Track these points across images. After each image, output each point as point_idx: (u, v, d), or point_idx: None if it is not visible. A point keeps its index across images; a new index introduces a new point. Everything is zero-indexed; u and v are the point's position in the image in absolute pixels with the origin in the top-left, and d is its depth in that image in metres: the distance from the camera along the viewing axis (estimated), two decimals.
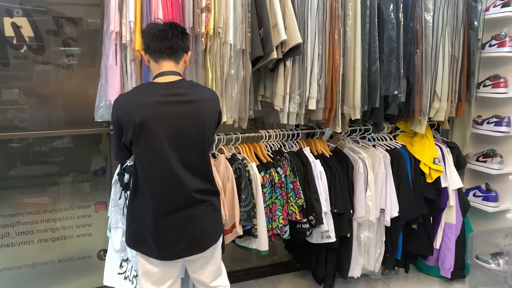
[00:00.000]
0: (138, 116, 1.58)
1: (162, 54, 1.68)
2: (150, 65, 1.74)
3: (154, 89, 1.66)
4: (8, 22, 2.20)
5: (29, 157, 2.40)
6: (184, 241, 1.68)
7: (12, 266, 2.39)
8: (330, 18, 2.28)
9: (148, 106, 1.61)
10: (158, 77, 1.69)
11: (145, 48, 1.71)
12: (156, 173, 1.63)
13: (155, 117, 1.60)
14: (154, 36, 1.67)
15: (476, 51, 2.74)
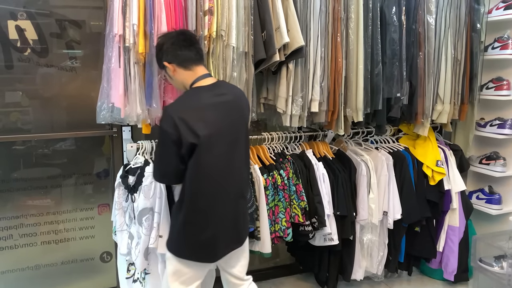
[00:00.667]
0: (200, 120, 1.61)
1: (194, 60, 1.75)
2: (177, 74, 1.75)
3: (203, 92, 1.71)
4: (12, 25, 2.21)
5: (32, 159, 2.41)
6: (230, 238, 1.74)
7: (15, 268, 2.39)
8: (332, 20, 2.28)
9: (206, 109, 1.66)
10: (198, 81, 1.74)
11: (171, 58, 1.73)
12: (216, 173, 1.66)
13: (213, 118, 1.65)
14: (181, 45, 1.73)
15: (478, 53, 2.74)
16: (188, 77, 1.75)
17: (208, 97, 1.69)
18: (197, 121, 1.60)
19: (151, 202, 1.90)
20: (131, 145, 2.10)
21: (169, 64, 1.74)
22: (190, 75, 1.75)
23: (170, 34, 1.79)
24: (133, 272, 2.11)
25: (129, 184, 2.01)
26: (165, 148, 1.63)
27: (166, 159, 1.65)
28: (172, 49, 1.73)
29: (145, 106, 1.97)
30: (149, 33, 1.91)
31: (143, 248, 1.90)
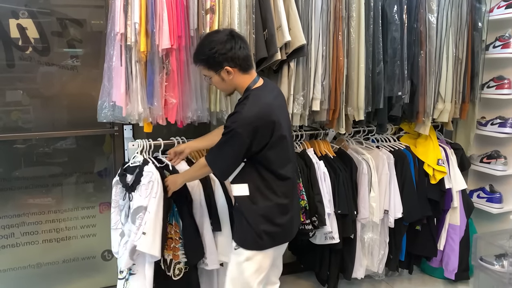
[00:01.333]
0: (275, 116, 1.70)
1: (251, 62, 1.82)
2: (234, 78, 1.73)
3: (267, 93, 1.77)
4: (13, 24, 2.21)
5: (33, 158, 2.42)
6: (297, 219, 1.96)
7: (17, 266, 2.40)
8: (334, 19, 2.28)
9: (274, 106, 1.74)
10: (256, 83, 1.77)
11: (232, 63, 1.70)
12: (287, 164, 1.79)
13: (279, 114, 1.74)
14: (239, 48, 1.71)
15: (480, 52, 2.74)
16: (246, 80, 1.76)
17: (272, 98, 1.77)
18: (279, 117, 1.72)
19: (146, 201, 1.89)
20: (132, 144, 2.10)
21: (231, 69, 1.71)
22: (247, 78, 1.76)
23: (220, 35, 1.72)
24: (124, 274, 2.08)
25: (127, 182, 2.01)
26: (236, 151, 1.69)
27: (234, 160, 1.73)
28: (232, 53, 1.69)
29: (146, 104, 1.97)
30: (150, 31, 1.91)
31: (130, 246, 1.88)
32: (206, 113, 2.11)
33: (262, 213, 1.76)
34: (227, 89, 1.82)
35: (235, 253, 1.83)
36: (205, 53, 1.71)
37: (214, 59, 1.70)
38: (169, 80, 1.98)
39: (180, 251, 2.02)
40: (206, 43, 1.73)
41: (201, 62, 1.75)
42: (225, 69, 1.70)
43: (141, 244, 1.82)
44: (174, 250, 2.00)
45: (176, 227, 2.02)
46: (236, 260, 1.83)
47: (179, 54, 1.98)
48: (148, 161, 1.99)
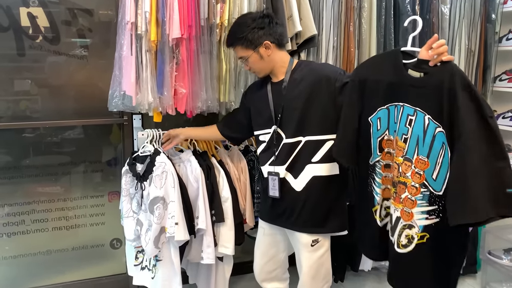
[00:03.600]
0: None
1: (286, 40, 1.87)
2: (273, 55, 1.76)
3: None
4: (24, 12, 2.21)
5: (41, 147, 2.44)
6: None
7: (27, 253, 2.43)
8: (345, 9, 2.26)
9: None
10: (293, 60, 1.82)
11: (271, 37, 1.73)
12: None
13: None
14: (277, 24, 1.75)
15: (493, 44, 2.70)
16: (284, 57, 1.79)
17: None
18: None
19: (162, 192, 1.91)
20: (141, 133, 2.11)
21: (270, 44, 1.71)
22: (285, 55, 1.79)
23: (254, 14, 1.79)
24: (141, 259, 2.13)
25: (137, 172, 2.02)
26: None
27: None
28: (269, 27, 1.71)
29: (156, 94, 1.97)
30: (161, 20, 1.90)
31: (153, 236, 1.92)
32: (215, 103, 2.10)
33: (343, 192, 1.85)
34: (264, 68, 1.79)
35: (312, 250, 1.78)
36: (242, 31, 1.71)
37: (253, 35, 1.70)
38: (179, 70, 1.98)
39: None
40: (242, 22, 1.74)
41: (238, 41, 1.73)
42: (264, 44, 1.71)
43: (178, 234, 1.88)
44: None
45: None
46: (316, 256, 1.79)
47: (189, 44, 1.97)
48: (159, 151, 1.99)
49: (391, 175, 1.62)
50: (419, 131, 1.49)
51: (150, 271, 2.07)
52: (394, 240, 1.59)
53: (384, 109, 1.60)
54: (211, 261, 2.01)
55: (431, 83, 1.46)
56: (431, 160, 1.48)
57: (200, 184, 1.99)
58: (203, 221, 1.96)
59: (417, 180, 1.51)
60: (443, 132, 1.44)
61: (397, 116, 1.56)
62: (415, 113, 1.50)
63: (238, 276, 2.61)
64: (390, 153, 1.62)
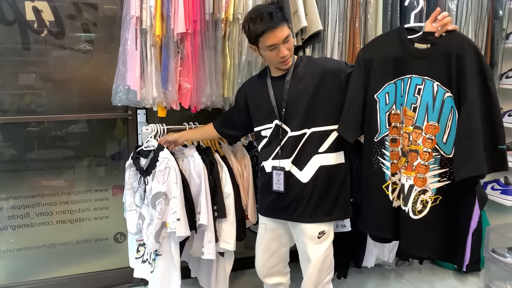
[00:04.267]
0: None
1: None
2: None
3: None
4: (29, 6, 2.21)
5: (46, 141, 2.45)
6: None
7: (32, 246, 2.45)
8: (351, 5, 2.24)
9: None
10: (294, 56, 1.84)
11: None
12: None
13: None
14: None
15: (500, 41, 2.67)
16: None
17: None
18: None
19: (165, 187, 1.91)
20: (146, 128, 2.11)
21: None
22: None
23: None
24: (142, 252, 2.15)
25: (141, 166, 2.02)
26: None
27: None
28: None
29: (161, 89, 1.97)
30: (166, 15, 1.89)
31: (154, 230, 1.92)
32: (220, 98, 2.10)
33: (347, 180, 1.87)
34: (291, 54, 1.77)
35: (319, 242, 1.79)
36: (285, 11, 1.78)
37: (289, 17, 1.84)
38: (183, 64, 1.97)
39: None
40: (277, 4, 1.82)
41: (286, 19, 1.72)
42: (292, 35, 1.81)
43: (180, 230, 1.89)
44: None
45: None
46: (322, 249, 1.80)
47: (194, 39, 1.96)
48: (163, 147, 1.99)
49: (397, 149, 1.69)
50: (428, 98, 1.59)
51: (150, 265, 2.08)
52: (408, 208, 1.66)
53: (392, 83, 1.67)
54: (212, 256, 2.01)
55: (439, 51, 1.57)
56: (441, 124, 1.58)
57: (203, 180, 1.99)
58: (204, 216, 1.97)
59: (429, 145, 1.60)
60: (451, 97, 1.55)
61: (404, 89, 1.63)
62: (424, 82, 1.59)
63: (241, 271, 2.62)
64: (396, 127, 1.69)
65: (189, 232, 1.94)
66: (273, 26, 1.65)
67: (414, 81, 1.61)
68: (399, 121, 1.68)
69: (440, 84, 1.56)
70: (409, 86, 1.62)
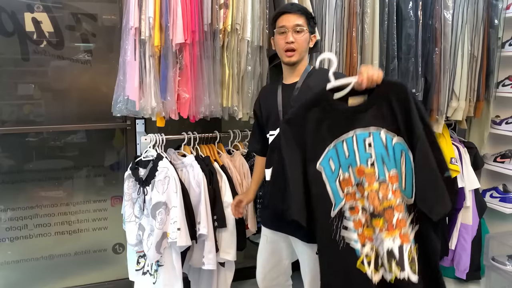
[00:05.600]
0: None
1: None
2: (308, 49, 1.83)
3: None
4: (29, 17, 2.23)
5: (44, 151, 2.44)
6: None
7: (30, 258, 2.43)
8: (348, 15, 2.26)
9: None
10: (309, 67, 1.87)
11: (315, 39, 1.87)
12: None
13: None
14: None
15: (496, 50, 2.70)
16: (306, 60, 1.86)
17: None
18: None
19: (165, 197, 1.91)
20: (145, 138, 2.11)
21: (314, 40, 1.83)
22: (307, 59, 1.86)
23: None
24: (143, 264, 2.13)
25: (140, 176, 2.02)
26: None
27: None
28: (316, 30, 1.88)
29: (160, 99, 1.97)
30: (164, 26, 1.91)
31: (155, 241, 1.92)
32: (218, 108, 2.11)
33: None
34: (302, 53, 1.78)
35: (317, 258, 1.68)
36: (312, 13, 1.86)
37: (314, 22, 1.85)
38: (182, 74, 1.98)
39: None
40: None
41: (306, 15, 1.78)
42: (313, 35, 1.83)
43: (181, 240, 1.88)
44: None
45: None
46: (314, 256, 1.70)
47: (192, 49, 1.98)
48: (162, 156, 2.00)
49: (358, 217, 1.52)
50: (381, 149, 1.49)
51: (151, 276, 2.06)
52: (406, 273, 1.46)
53: (332, 148, 1.54)
54: (213, 266, 2.00)
55: (377, 99, 1.50)
56: (398, 171, 1.49)
57: (202, 189, 1.99)
58: (204, 226, 1.96)
59: (398, 195, 1.48)
60: (400, 141, 1.48)
61: (350, 148, 1.52)
62: (370, 134, 1.50)
63: (241, 281, 2.60)
64: (349, 193, 1.53)
65: (190, 241, 1.94)
66: (289, 11, 1.76)
67: (360, 136, 1.51)
68: (351, 185, 1.53)
69: (387, 130, 1.48)
70: (356, 144, 1.51)
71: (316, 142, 1.55)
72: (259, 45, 2.11)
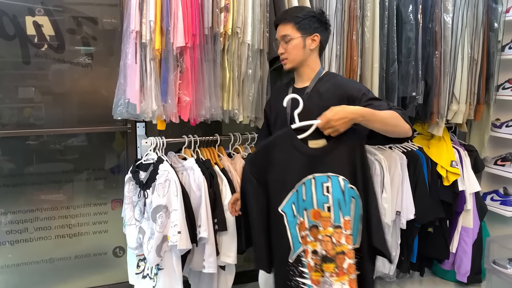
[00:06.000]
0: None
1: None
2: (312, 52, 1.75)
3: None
4: (30, 21, 2.23)
5: (45, 154, 2.44)
6: None
7: (30, 261, 2.42)
8: (348, 18, 2.27)
9: None
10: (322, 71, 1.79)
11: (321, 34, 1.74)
12: None
13: None
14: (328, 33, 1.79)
15: (495, 53, 2.70)
16: (316, 62, 1.79)
17: None
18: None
19: (165, 200, 1.91)
20: (145, 141, 2.12)
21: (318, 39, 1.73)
22: (318, 62, 1.79)
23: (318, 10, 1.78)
24: (143, 268, 2.12)
25: (140, 179, 2.02)
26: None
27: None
28: (325, 27, 1.73)
29: (160, 102, 1.97)
30: (165, 29, 1.91)
31: (155, 244, 1.91)
32: (219, 111, 2.11)
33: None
34: (297, 58, 1.73)
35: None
36: (303, 13, 1.72)
37: (310, 21, 1.71)
38: (183, 78, 1.99)
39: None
40: (304, 7, 1.79)
41: (294, 20, 1.71)
42: (314, 35, 1.71)
43: (181, 243, 1.88)
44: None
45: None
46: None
47: (193, 52, 1.98)
48: (162, 159, 2.00)
49: (308, 260, 1.54)
50: (339, 194, 1.53)
51: (151, 280, 2.06)
52: None
53: (294, 191, 1.55)
54: (213, 270, 2.00)
55: (337, 145, 1.55)
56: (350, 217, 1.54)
57: (203, 192, 1.99)
58: (205, 229, 1.96)
59: (350, 241, 1.51)
60: (353, 188, 1.54)
61: (308, 191, 1.53)
62: (329, 178, 1.52)
63: (241, 285, 2.59)
64: (303, 236, 1.55)
65: (191, 245, 1.93)
66: (277, 22, 1.77)
67: (318, 180, 1.52)
68: (305, 229, 1.55)
69: (345, 177, 1.53)
70: (315, 187, 1.52)
71: (278, 186, 1.56)
72: (259, 48, 2.11)
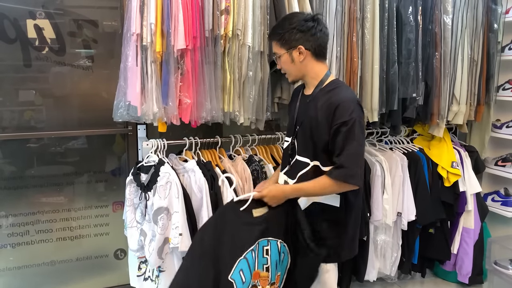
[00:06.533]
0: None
1: (326, 52, 1.76)
2: (306, 62, 1.70)
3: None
4: (31, 24, 2.24)
5: (45, 157, 2.44)
6: None
7: (31, 264, 2.43)
8: (348, 20, 2.27)
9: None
10: (329, 76, 1.74)
11: (306, 43, 1.66)
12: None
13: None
14: (321, 32, 1.69)
15: (495, 54, 2.71)
16: (318, 69, 1.72)
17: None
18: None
19: (166, 202, 1.91)
20: (146, 143, 2.12)
21: (304, 50, 1.66)
22: (320, 67, 1.72)
23: (304, 15, 1.70)
24: (144, 270, 2.12)
25: (142, 182, 2.02)
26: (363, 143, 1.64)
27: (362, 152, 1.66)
28: (310, 34, 1.65)
29: (161, 104, 1.98)
30: (166, 32, 1.92)
31: (157, 246, 1.91)
32: (220, 113, 2.11)
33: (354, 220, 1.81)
34: (293, 73, 1.74)
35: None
36: (283, 27, 1.69)
37: (290, 35, 1.66)
38: (183, 80, 1.99)
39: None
40: (288, 17, 1.74)
41: (275, 37, 1.71)
42: (298, 48, 1.66)
43: (183, 245, 1.88)
44: None
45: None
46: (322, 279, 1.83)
47: (194, 55, 1.98)
48: (164, 162, 2.00)
49: None
50: (276, 256, 1.70)
51: (153, 282, 2.06)
52: None
53: (243, 259, 1.65)
54: None
55: (275, 212, 1.71)
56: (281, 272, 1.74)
57: (204, 194, 1.99)
58: None
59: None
60: (285, 245, 1.72)
61: (253, 257, 1.65)
62: (269, 242, 1.69)
63: None
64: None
65: None
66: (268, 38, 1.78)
67: (260, 244, 1.67)
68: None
69: (282, 240, 1.71)
70: (257, 250, 1.67)
71: (227, 255, 1.65)
72: (260, 50, 2.12)
